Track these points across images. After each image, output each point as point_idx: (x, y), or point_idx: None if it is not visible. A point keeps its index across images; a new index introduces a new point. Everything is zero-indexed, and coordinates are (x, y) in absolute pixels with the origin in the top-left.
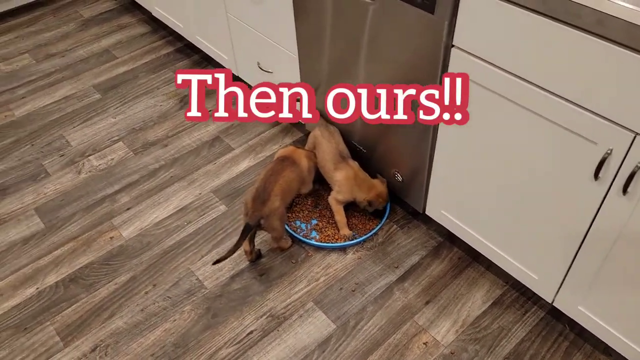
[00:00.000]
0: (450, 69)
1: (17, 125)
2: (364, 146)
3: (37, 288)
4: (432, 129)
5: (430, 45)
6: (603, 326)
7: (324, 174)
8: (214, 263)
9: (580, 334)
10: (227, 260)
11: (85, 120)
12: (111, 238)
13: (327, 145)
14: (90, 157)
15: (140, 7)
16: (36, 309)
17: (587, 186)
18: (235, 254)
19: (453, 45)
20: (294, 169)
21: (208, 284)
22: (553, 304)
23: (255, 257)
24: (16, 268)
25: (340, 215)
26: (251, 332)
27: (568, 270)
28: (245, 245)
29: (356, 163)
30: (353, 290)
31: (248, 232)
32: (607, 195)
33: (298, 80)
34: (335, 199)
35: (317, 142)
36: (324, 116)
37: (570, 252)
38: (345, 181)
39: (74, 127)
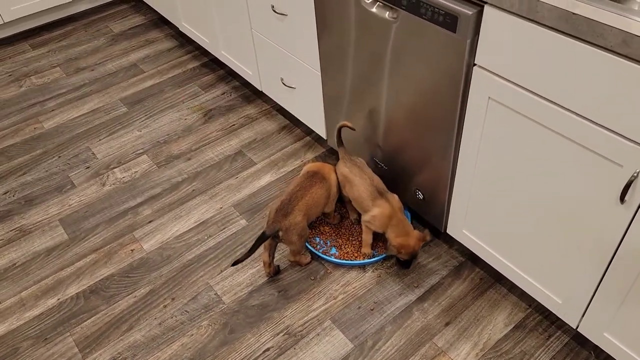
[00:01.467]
0: (472, 88)
1: (45, 137)
2: (385, 163)
3: (59, 299)
4: (453, 148)
5: (452, 64)
6: (630, 355)
7: (361, 211)
8: (233, 264)
9: None
10: (246, 276)
11: (112, 133)
12: (132, 250)
13: (361, 182)
14: (114, 170)
15: (168, 23)
16: (57, 319)
17: (613, 209)
18: (255, 269)
19: (475, 64)
20: (322, 185)
21: (226, 299)
22: (578, 330)
23: (274, 272)
24: (39, 278)
25: (367, 235)
26: (268, 350)
27: (593, 295)
28: (265, 257)
29: (396, 197)
30: (372, 309)
31: (263, 240)
32: (634, 219)
33: (320, 96)
34: (367, 224)
35: (348, 180)
36: (344, 147)
37: (595, 277)
38: (380, 216)
39: (100, 139)
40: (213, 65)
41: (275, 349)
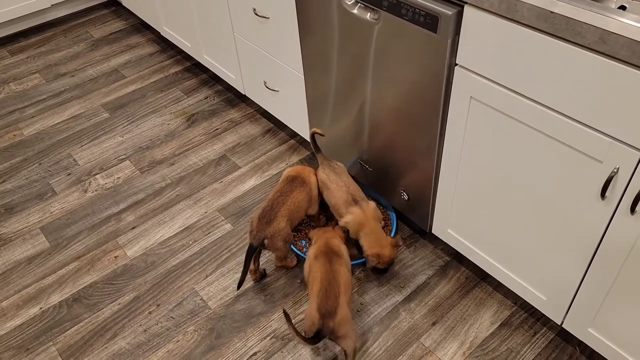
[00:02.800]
0: (454, 88)
1: (25, 145)
2: (370, 165)
3: (41, 308)
4: (437, 148)
5: (434, 64)
6: (614, 349)
7: (337, 217)
8: (238, 288)
9: (591, 357)
10: (231, 281)
11: (93, 139)
12: (116, 257)
13: (337, 189)
14: (97, 176)
15: (149, 27)
16: (39, 329)
17: (594, 205)
18: (240, 274)
19: (457, 64)
20: (302, 189)
21: (212, 304)
22: (562, 326)
23: (260, 276)
24: (20, 287)
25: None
26: (255, 354)
27: (577, 291)
28: (250, 265)
29: (372, 205)
30: (358, 311)
31: (252, 252)
32: (615, 215)
33: (304, 99)
34: (342, 223)
35: (326, 187)
36: (321, 152)
37: (578, 273)
38: (352, 223)
39: (82, 145)
40: (195, 69)
41: (263, 353)
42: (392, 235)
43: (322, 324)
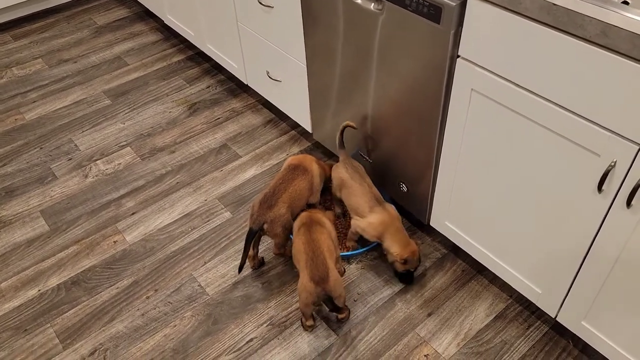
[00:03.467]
0: (455, 80)
1: (27, 129)
2: (370, 156)
3: (39, 290)
4: (437, 140)
5: (436, 55)
6: (607, 342)
7: (356, 216)
8: (239, 271)
9: (584, 350)
10: (230, 268)
11: (95, 125)
12: (115, 242)
13: (361, 189)
14: (97, 162)
15: (153, 16)
16: (37, 310)
17: (591, 199)
18: (239, 261)
19: (459, 56)
20: (304, 177)
21: (210, 290)
22: (556, 319)
23: (259, 264)
24: (19, 269)
25: (353, 233)
26: (251, 340)
27: (571, 285)
28: (249, 251)
29: (393, 207)
30: (355, 300)
31: (252, 237)
32: (611, 208)
33: (306, 90)
34: (359, 229)
35: (347, 185)
36: (345, 149)
37: (573, 266)
38: (378, 224)
39: (83, 131)
40: (198, 58)
41: (259, 340)
42: None
43: (319, 289)
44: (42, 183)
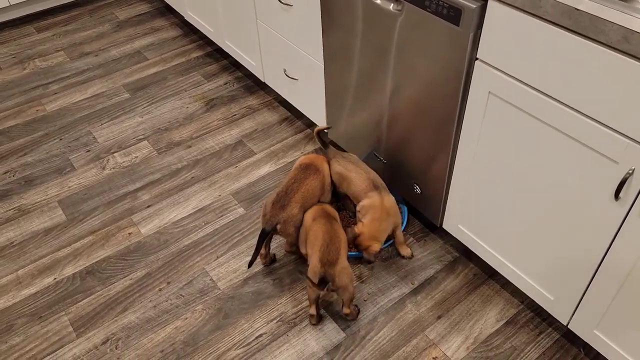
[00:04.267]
0: (473, 82)
1: (47, 120)
2: (384, 157)
3: (55, 278)
4: (452, 142)
5: (454, 57)
6: (620, 352)
7: (357, 203)
8: (248, 266)
9: (596, 359)
10: (241, 263)
11: (113, 118)
12: (130, 234)
13: (357, 176)
14: (115, 154)
15: (173, 11)
16: (52, 298)
17: (607, 206)
18: (251, 257)
19: (477, 58)
20: (316, 177)
21: (221, 285)
22: (568, 327)
23: (270, 261)
24: (36, 258)
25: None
26: (260, 336)
27: (585, 292)
28: (262, 248)
29: (391, 198)
30: (365, 300)
31: (265, 237)
32: (628, 217)
33: (322, 89)
34: (358, 214)
35: (344, 177)
36: (329, 147)
37: (587, 274)
38: (368, 207)
39: (102, 124)
40: (217, 55)
41: (269, 335)
42: (402, 229)
43: (324, 271)
44: (60, 174)
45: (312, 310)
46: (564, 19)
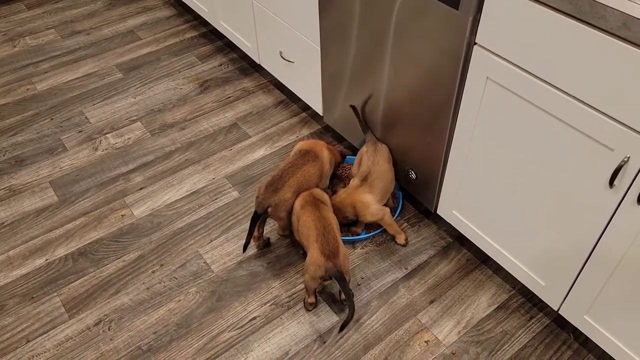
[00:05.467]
0: (471, 67)
1: (38, 99)
2: (381, 142)
3: (47, 259)
4: (449, 128)
5: (453, 42)
6: (608, 337)
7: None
8: (243, 250)
9: (585, 344)
10: (235, 247)
11: (106, 99)
12: (122, 216)
13: (364, 163)
14: (107, 135)
15: None
16: (44, 279)
17: (602, 194)
18: (245, 240)
19: (476, 43)
20: (314, 163)
21: (215, 267)
22: (559, 312)
23: (264, 244)
24: (27, 238)
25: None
26: (254, 318)
27: (576, 279)
28: (254, 231)
29: (368, 198)
30: (358, 284)
31: (257, 219)
32: (621, 204)
33: (319, 72)
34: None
35: (361, 159)
36: (369, 131)
37: (579, 260)
38: (342, 192)
39: (94, 104)
40: (211, 36)
41: (262, 318)
42: (395, 216)
43: (329, 263)
44: (52, 154)
45: (311, 299)
46: (565, 3)
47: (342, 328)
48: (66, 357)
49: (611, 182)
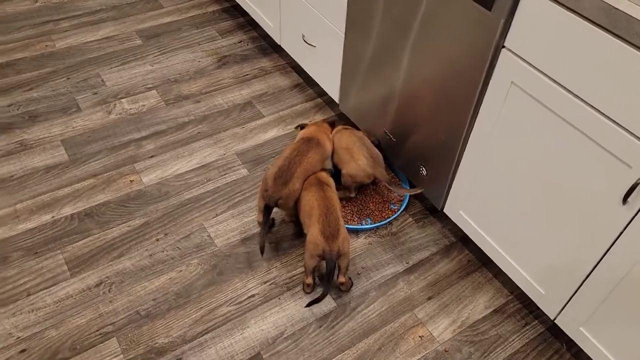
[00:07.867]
0: (497, 70)
1: (56, 57)
2: (394, 135)
3: (53, 217)
4: (466, 128)
5: (481, 42)
6: (602, 351)
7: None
8: (262, 254)
9: (577, 356)
10: (240, 224)
11: (123, 64)
12: (131, 181)
13: (358, 153)
14: (122, 100)
15: None
16: (49, 236)
17: (614, 209)
18: (250, 218)
19: (504, 47)
20: (318, 150)
21: (218, 242)
22: (555, 321)
23: (269, 226)
24: (35, 194)
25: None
26: (253, 296)
27: (577, 290)
28: (259, 218)
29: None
30: (359, 274)
31: (270, 211)
32: (632, 222)
33: (340, 59)
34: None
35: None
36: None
37: (582, 272)
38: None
39: (111, 68)
40: (234, 11)
41: (260, 297)
42: (401, 210)
43: (327, 245)
44: (65, 113)
45: (309, 280)
46: (601, 16)
47: (309, 304)
48: (65, 314)
49: (625, 199)
